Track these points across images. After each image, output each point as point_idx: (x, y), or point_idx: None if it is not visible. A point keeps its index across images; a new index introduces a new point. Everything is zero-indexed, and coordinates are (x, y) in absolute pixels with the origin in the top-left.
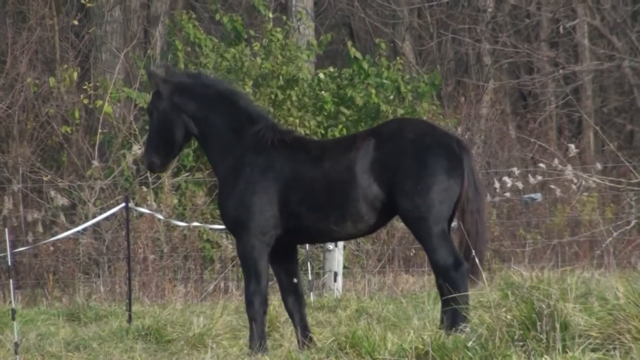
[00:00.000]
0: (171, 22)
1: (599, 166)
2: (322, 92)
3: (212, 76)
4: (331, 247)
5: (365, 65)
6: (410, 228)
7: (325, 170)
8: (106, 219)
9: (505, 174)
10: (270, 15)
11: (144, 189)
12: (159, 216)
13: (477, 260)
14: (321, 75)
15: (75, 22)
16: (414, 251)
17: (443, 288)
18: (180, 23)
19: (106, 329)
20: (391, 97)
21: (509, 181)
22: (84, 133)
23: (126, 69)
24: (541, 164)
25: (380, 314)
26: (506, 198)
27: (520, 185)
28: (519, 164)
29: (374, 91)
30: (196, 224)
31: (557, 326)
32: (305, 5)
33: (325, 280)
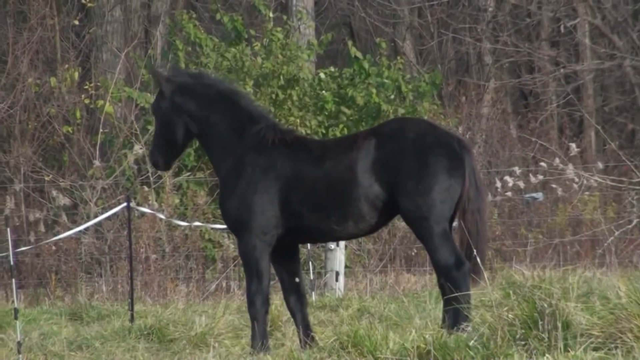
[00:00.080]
0: (172, 22)
1: (600, 165)
2: (323, 91)
3: (213, 76)
4: (333, 246)
5: (365, 65)
6: (412, 228)
7: (327, 170)
8: (108, 218)
9: (506, 173)
10: (271, 14)
11: (146, 188)
12: (161, 216)
13: (478, 260)
14: (322, 75)
15: (76, 22)
16: (415, 250)
17: (445, 287)
18: (180, 23)
19: (108, 328)
20: (392, 96)
21: (510, 180)
22: (85, 133)
23: (127, 69)
24: (542, 163)
25: (382, 313)
26: (507, 197)
27: (522, 184)
28: (520, 164)
29: (374, 91)
30: (198, 223)
31: (559, 325)
32: (306, 5)
33: (327, 279)
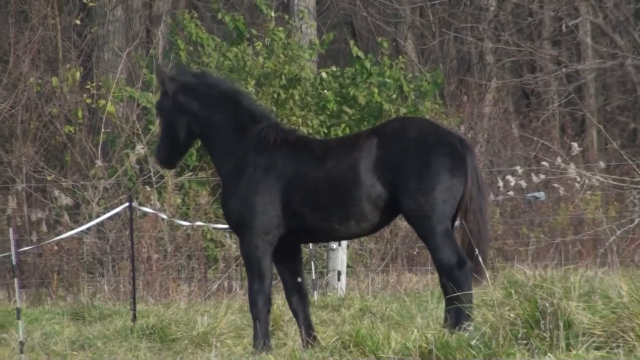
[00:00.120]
0: (173, 22)
1: (602, 164)
2: (325, 91)
3: (216, 76)
4: (335, 246)
5: (367, 64)
6: (414, 227)
7: (328, 169)
8: (110, 218)
9: (508, 172)
10: (273, 14)
11: (148, 188)
12: (163, 215)
13: (480, 259)
14: (323, 75)
15: (78, 21)
16: (417, 250)
17: (447, 287)
18: (182, 22)
19: (110, 327)
20: (394, 96)
21: (512, 180)
22: (87, 133)
23: (128, 69)
24: (544, 163)
25: (383, 312)
26: (509, 197)
27: (524, 184)
28: (522, 163)
29: (376, 90)
30: (200, 223)
31: (561, 324)
32: (307, 4)
33: (328, 279)
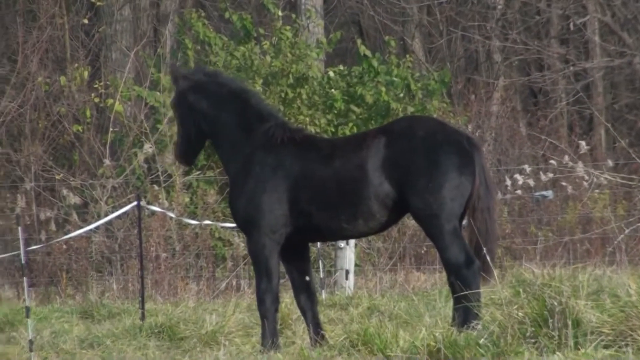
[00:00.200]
0: (181, 21)
1: (610, 163)
2: (332, 90)
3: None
4: (342, 245)
5: (375, 63)
6: (422, 226)
7: (336, 168)
8: (118, 217)
9: (516, 171)
10: (280, 13)
11: (156, 187)
12: (171, 214)
13: (488, 258)
14: (331, 74)
15: (85, 21)
16: (425, 249)
17: (455, 285)
18: (189, 21)
19: (119, 326)
20: (401, 94)
21: (520, 178)
22: (95, 132)
23: (136, 68)
24: (552, 161)
25: (391, 311)
26: (517, 195)
27: (532, 182)
28: (530, 162)
29: (384, 89)
30: (208, 222)
31: (569, 323)
32: (315, 4)
33: (336, 278)
